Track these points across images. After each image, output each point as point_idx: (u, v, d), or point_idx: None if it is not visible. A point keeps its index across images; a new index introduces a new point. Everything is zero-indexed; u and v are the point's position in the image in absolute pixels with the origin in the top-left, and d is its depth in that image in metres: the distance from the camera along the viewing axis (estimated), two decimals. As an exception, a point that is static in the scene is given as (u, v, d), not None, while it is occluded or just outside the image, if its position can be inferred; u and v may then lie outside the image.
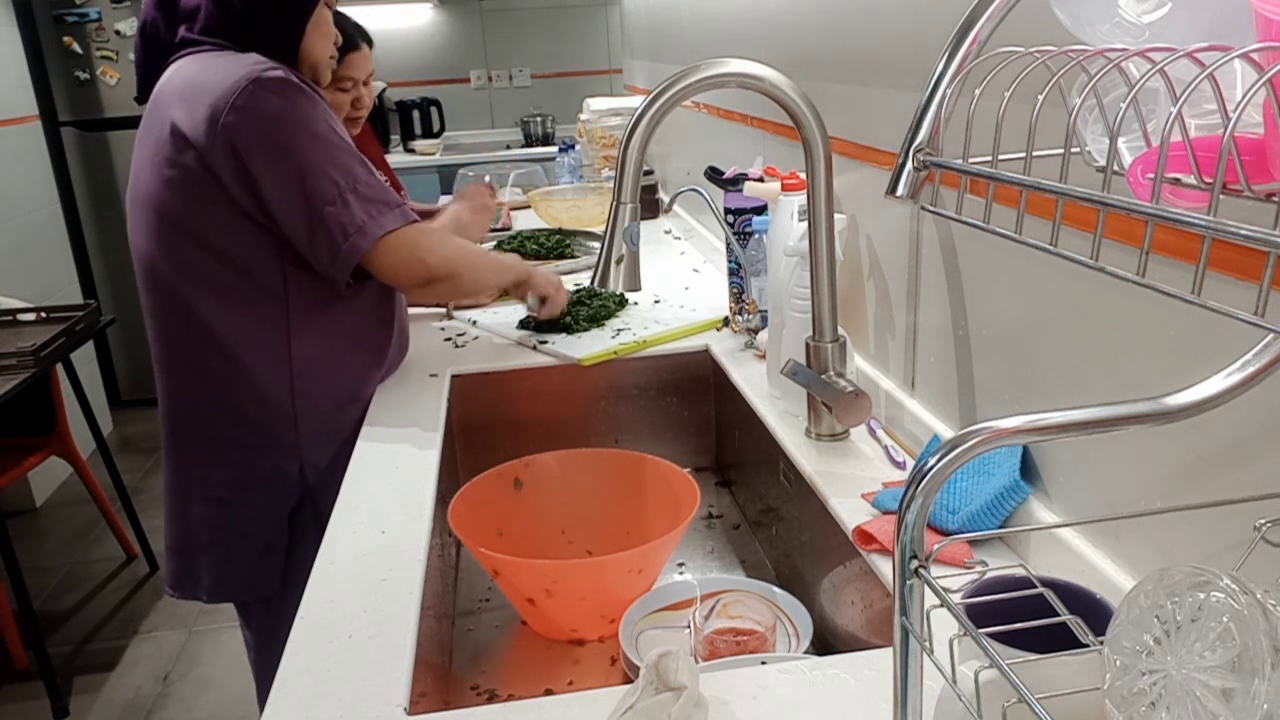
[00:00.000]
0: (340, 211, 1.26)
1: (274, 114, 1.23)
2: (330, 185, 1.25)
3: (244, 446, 1.37)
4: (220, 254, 1.29)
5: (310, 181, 1.24)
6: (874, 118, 1.21)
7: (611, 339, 1.60)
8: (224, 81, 1.23)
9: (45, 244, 3.85)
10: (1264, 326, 0.37)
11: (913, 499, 0.51)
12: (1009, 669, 0.45)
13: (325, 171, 1.25)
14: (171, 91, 1.28)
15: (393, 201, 1.32)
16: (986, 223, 0.50)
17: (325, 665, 0.83)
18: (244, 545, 1.39)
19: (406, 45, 4.69)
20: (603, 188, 2.65)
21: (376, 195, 1.30)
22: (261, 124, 1.22)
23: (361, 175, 1.29)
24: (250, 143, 1.22)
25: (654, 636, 1.10)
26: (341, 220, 1.26)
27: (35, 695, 2.48)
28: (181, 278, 1.31)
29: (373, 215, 1.28)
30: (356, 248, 1.27)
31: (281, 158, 1.23)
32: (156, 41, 1.34)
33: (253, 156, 1.23)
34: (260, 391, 1.34)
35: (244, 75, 1.23)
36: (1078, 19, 0.50)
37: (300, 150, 1.24)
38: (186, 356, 1.35)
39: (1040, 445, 0.91)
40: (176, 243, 1.30)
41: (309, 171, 1.24)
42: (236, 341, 1.33)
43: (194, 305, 1.32)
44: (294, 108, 1.24)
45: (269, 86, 1.23)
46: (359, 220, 1.27)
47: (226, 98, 1.22)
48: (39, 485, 3.52)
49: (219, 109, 1.22)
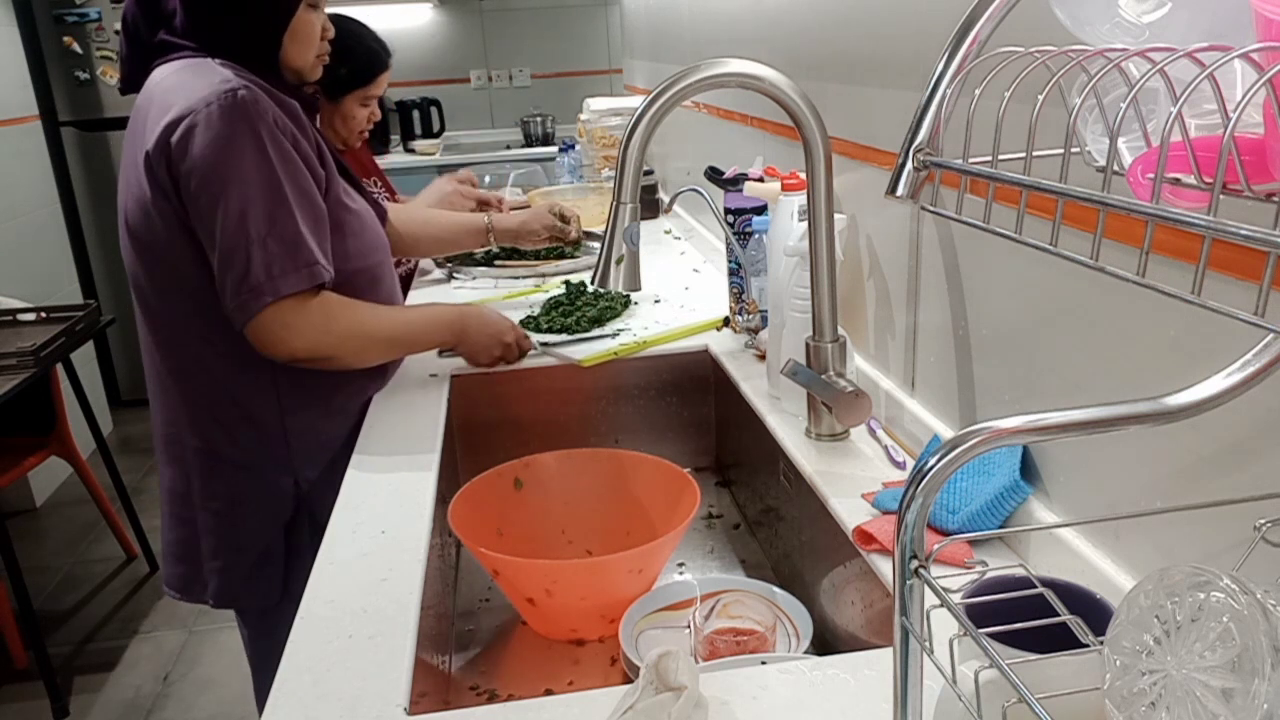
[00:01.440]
0: (242, 261, 1.20)
1: (214, 143, 1.18)
2: (240, 232, 1.19)
3: (236, 462, 1.36)
4: (190, 276, 1.27)
5: (225, 220, 1.19)
6: (874, 118, 1.21)
7: (612, 339, 1.60)
8: (185, 100, 1.20)
9: (45, 244, 3.85)
10: (1264, 326, 0.37)
11: (913, 499, 0.51)
12: (1009, 669, 0.45)
13: (240, 212, 1.19)
14: (147, 103, 1.26)
15: (303, 260, 1.22)
16: (986, 223, 0.50)
17: (325, 665, 0.83)
18: (242, 556, 1.38)
19: (406, 45, 4.68)
20: (603, 188, 2.65)
21: (289, 251, 1.21)
22: (199, 151, 1.18)
23: (281, 227, 1.21)
24: (185, 168, 1.19)
25: (654, 636, 1.10)
26: (242, 271, 1.20)
27: (35, 695, 2.48)
28: (161, 298, 1.30)
29: (273, 275, 1.20)
30: (247, 307, 1.21)
31: (206, 192, 1.19)
32: (137, 39, 1.32)
33: (186, 185, 1.20)
34: (249, 410, 1.33)
35: (202, 96, 1.19)
36: (1078, 19, 0.50)
37: (225, 184, 1.18)
38: (174, 373, 1.34)
39: (1040, 445, 0.91)
40: (155, 265, 1.28)
41: (228, 209, 1.19)
42: (223, 363, 1.31)
43: (180, 326, 1.31)
44: (237, 140, 1.19)
45: (224, 112, 1.19)
46: (256, 278, 1.20)
47: (179, 118, 1.19)
48: (39, 485, 3.52)
49: (170, 129, 1.19)
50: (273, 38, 1.30)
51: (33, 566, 3.08)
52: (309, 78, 1.38)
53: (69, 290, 3.95)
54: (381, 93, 1.99)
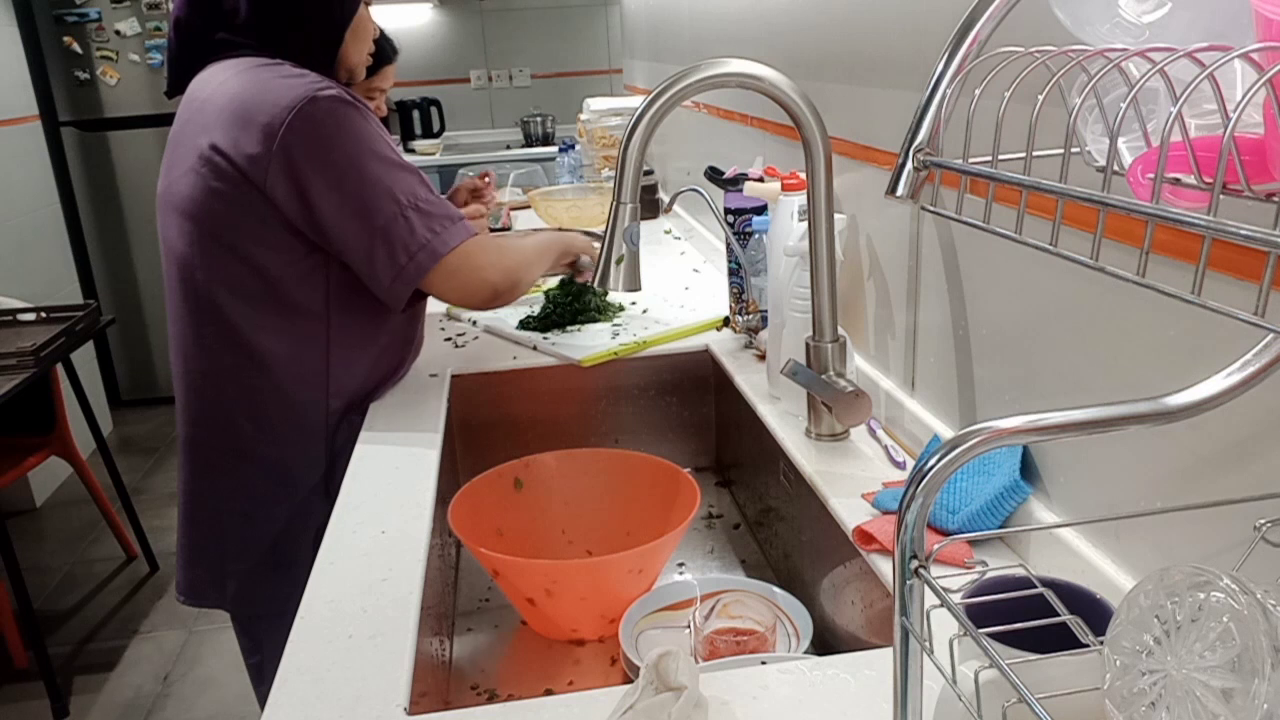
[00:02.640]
0: (402, 229, 1.24)
1: (331, 133, 1.21)
2: (391, 203, 1.23)
3: (272, 461, 1.34)
4: (262, 269, 1.26)
5: (370, 200, 1.22)
6: (874, 118, 1.21)
7: (612, 339, 1.60)
8: (279, 100, 1.20)
9: (45, 244, 3.85)
10: (1264, 326, 0.37)
11: (913, 499, 0.51)
12: (1009, 669, 0.45)
13: (386, 189, 1.23)
14: (217, 105, 1.24)
15: (455, 215, 1.29)
16: (986, 223, 0.50)
17: (325, 665, 0.83)
18: (269, 559, 1.36)
19: (406, 45, 4.65)
20: (603, 188, 2.65)
21: (439, 210, 1.28)
22: (319, 143, 1.20)
23: (422, 192, 1.27)
24: (307, 163, 1.20)
25: (654, 636, 1.10)
26: (404, 238, 1.24)
27: (35, 695, 2.48)
28: (219, 287, 1.28)
29: (436, 231, 1.26)
30: (421, 265, 1.25)
31: (340, 177, 1.21)
32: (191, 39, 1.31)
33: (310, 176, 1.20)
34: (295, 408, 1.32)
35: (299, 95, 1.20)
36: (1078, 19, 0.50)
37: (359, 169, 1.22)
38: (218, 367, 1.32)
39: (1040, 445, 0.91)
40: (216, 253, 1.27)
41: (369, 190, 1.22)
42: (274, 356, 1.30)
43: (231, 316, 1.29)
44: (350, 126, 1.22)
45: (324, 105, 1.21)
46: (422, 238, 1.25)
47: (282, 116, 1.19)
48: (39, 485, 3.52)
49: (274, 128, 1.19)
50: (338, 34, 1.32)
51: (33, 566, 3.08)
52: (359, 77, 1.40)
53: (69, 290, 3.95)
54: (387, 87, 2.00)
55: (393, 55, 2.02)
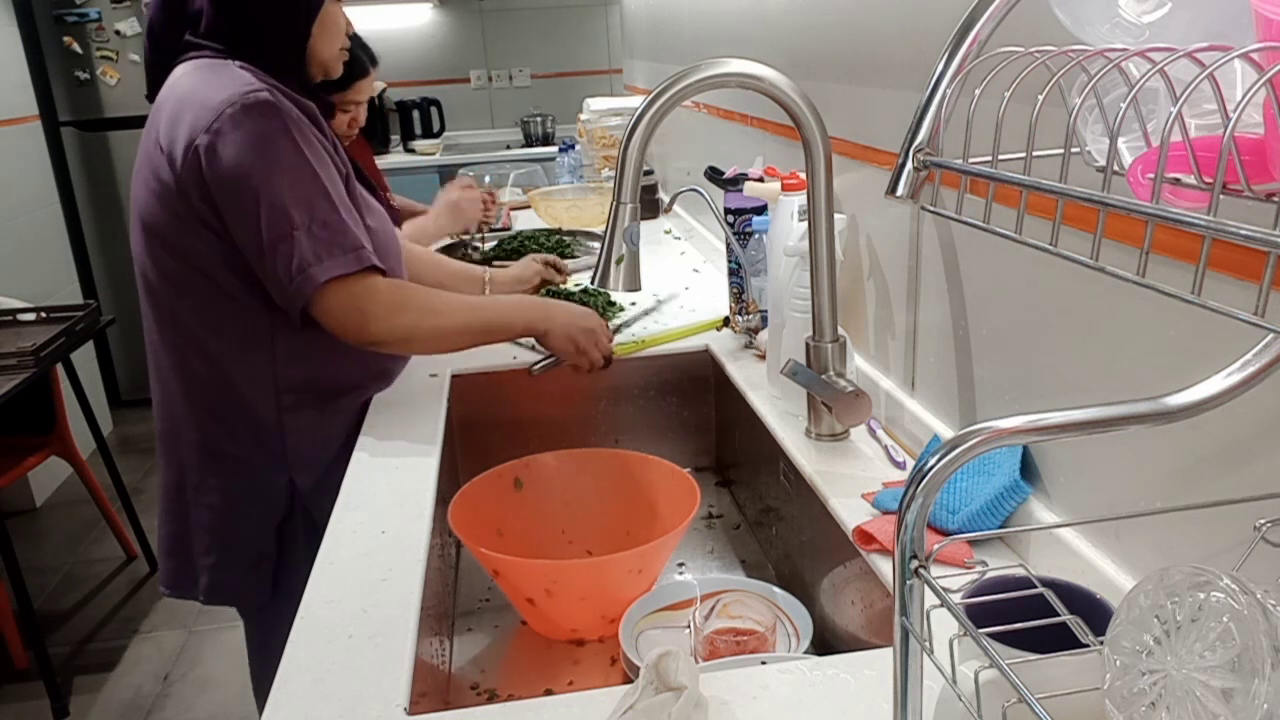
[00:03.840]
0: (288, 248, 1.21)
1: (245, 141, 1.19)
2: (285, 221, 1.21)
3: (233, 457, 1.36)
4: (204, 269, 1.27)
5: (268, 213, 1.20)
6: (874, 118, 1.21)
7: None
8: (207, 100, 1.21)
9: (45, 244, 3.85)
10: (1264, 326, 0.37)
11: (913, 499, 0.51)
12: (1009, 669, 0.45)
13: (283, 205, 1.21)
14: (164, 101, 1.27)
15: (349, 245, 1.24)
16: (986, 223, 0.50)
17: (325, 665, 0.83)
18: (235, 553, 1.38)
19: (406, 45, 4.69)
20: (603, 188, 2.65)
21: (333, 237, 1.23)
22: (231, 150, 1.19)
23: (322, 214, 1.23)
24: (217, 168, 1.20)
25: (654, 636, 1.10)
26: (287, 258, 1.21)
27: (35, 695, 2.48)
28: (169, 289, 1.30)
29: (321, 258, 1.21)
30: (299, 290, 1.22)
31: (243, 186, 1.20)
32: (162, 42, 1.33)
33: (218, 181, 1.20)
34: (247, 405, 1.33)
35: (225, 98, 1.20)
36: (1078, 19, 0.50)
37: (263, 179, 1.20)
38: (179, 367, 1.34)
39: (1040, 445, 0.91)
40: (163, 256, 1.29)
41: (267, 202, 1.20)
42: (223, 355, 1.31)
43: (183, 317, 1.31)
44: (268, 135, 1.20)
45: (250, 111, 1.20)
46: (305, 260, 1.21)
47: (205, 118, 1.20)
48: (39, 485, 3.52)
49: (196, 129, 1.20)
50: (303, 28, 1.31)
51: (33, 566, 3.08)
52: (333, 73, 1.39)
53: (69, 290, 3.94)
54: (362, 99, 1.99)
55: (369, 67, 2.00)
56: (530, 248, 2.21)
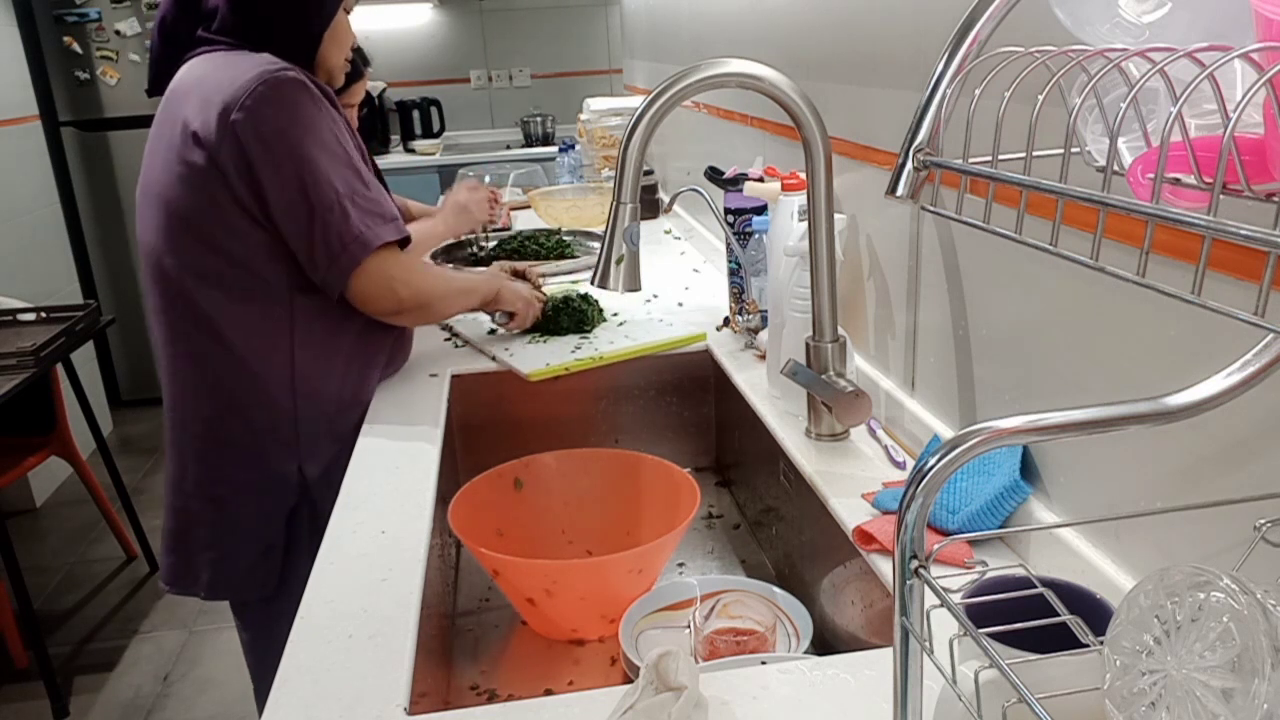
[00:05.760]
0: (339, 218, 1.26)
1: (282, 115, 1.23)
2: (330, 190, 1.25)
3: (245, 447, 1.36)
4: (227, 253, 1.29)
5: (311, 184, 1.24)
6: (874, 118, 1.21)
7: (571, 353, 1.54)
8: (237, 79, 1.23)
9: (45, 244, 3.84)
10: (1264, 326, 0.37)
11: (913, 499, 0.51)
12: (1009, 669, 0.45)
13: (326, 175, 1.25)
14: (186, 89, 1.29)
15: (389, 214, 1.32)
16: (986, 223, 0.50)
17: (325, 665, 0.83)
18: (242, 545, 1.39)
19: (406, 45, 4.68)
20: (603, 188, 2.65)
21: (374, 207, 1.30)
22: (269, 123, 1.22)
23: (359, 188, 1.29)
24: (257, 142, 1.22)
25: (654, 636, 1.10)
26: (340, 226, 1.26)
27: (35, 695, 2.48)
28: (187, 274, 1.31)
29: (370, 225, 1.28)
30: (353, 256, 1.27)
31: (285, 159, 1.23)
32: (174, 38, 1.34)
33: (258, 155, 1.23)
34: (263, 393, 1.34)
35: (256, 74, 1.23)
36: (1078, 19, 0.50)
37: (304, 154, 1.24)
38: (191, 355, 1.35)
39: (1040, 445, 0.91)
40: (184, 239, 1.29)
41: (312, 176, 1.24)
42: (241, 342, 1.32)
43: (200, 303, 1.31)
44: (302, 111, 1.24)
45: (280, 87, 1.23)
46: (356, 229, 1.27)
47: (238, 95, 1.22)
48: (39, 485, 3.52)
49: (230, 106, 1.22)
50: (315, 35, 1.34)
51: (33, 566, 3.08)
52: (335, 81, 1.42)
53: (69, 290, 3.94)
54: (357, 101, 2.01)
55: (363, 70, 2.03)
56: (530, 248, 2.21)
